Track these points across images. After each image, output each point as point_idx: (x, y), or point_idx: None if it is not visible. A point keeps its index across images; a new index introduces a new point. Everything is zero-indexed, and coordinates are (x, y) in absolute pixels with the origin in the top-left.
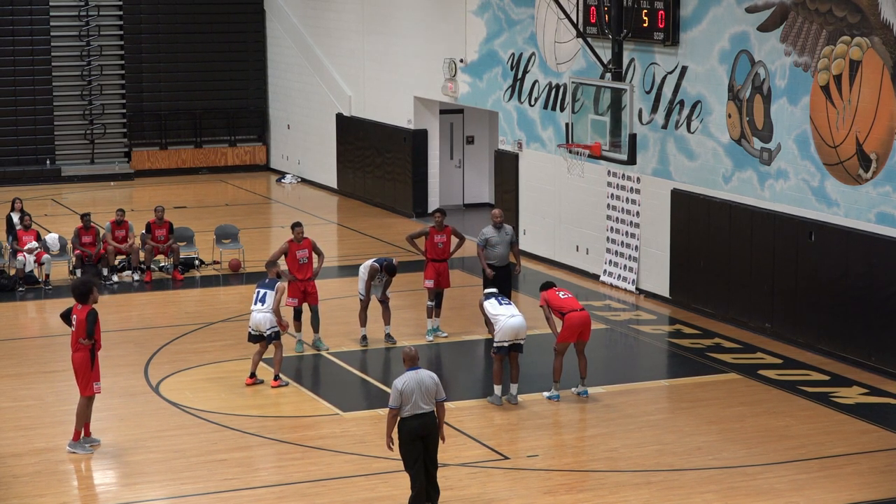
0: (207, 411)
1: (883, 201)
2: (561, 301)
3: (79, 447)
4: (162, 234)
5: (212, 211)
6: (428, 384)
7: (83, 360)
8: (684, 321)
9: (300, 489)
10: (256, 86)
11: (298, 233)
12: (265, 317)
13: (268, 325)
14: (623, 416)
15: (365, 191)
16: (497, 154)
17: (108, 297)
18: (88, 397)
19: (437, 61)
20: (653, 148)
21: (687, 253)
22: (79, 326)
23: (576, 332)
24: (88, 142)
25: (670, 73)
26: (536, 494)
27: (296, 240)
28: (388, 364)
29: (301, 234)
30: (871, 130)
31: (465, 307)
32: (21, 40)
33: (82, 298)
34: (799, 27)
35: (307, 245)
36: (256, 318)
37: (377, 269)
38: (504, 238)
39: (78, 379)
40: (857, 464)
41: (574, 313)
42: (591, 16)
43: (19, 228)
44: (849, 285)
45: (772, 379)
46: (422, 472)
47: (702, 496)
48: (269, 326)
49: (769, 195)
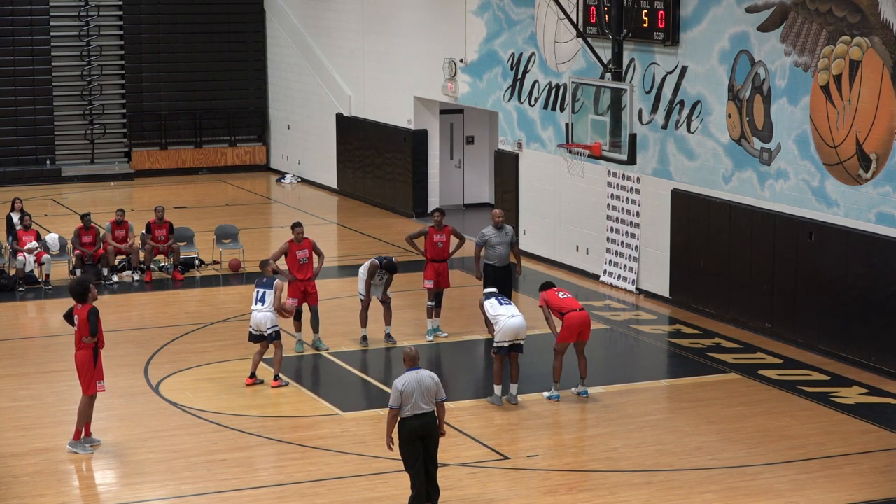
0: (207, 411)
1: (883, 201)
2: (560, 301)
3: (79, 447)
4: (162, 234)
5: (212, 211)
6: (428, 384)
7: (85, 358)
8: (684, 321)
9: (300, 489)
10: (256, 86)
11: (298, 233)
12: (265, 316)
13: (268, 325)
14: (623, 416)
15: (365, 191)
16: (497, 154)
17: (108, 297)
18: (90, 396)
19: (437, 61)
20: (653, 148)
21: (687, 253)
22: (81, 325)
23: (575, 332)
24: (88, 142)
25: (670, 73)
26: (536, 494)
27: (296, 240)
28: (388, 364)
29: (301, 235)
30: (871, 130)
31: (465, 307)
32: (21, 40)
33: (80, 298)
34: (799, 27)
35: (307, 245)
36: (257, 318)
37: (377, 265)
38: (504, 238)
39: (80, 378)
40: (857, 464)
41: (573, 313)
42: (591, 16)
43: (19, 228)
44: (849, 285)
45: (772, 379)
46: (422, 472)
47: (702, 496)
48: (270, 326)
49: (769, 195)
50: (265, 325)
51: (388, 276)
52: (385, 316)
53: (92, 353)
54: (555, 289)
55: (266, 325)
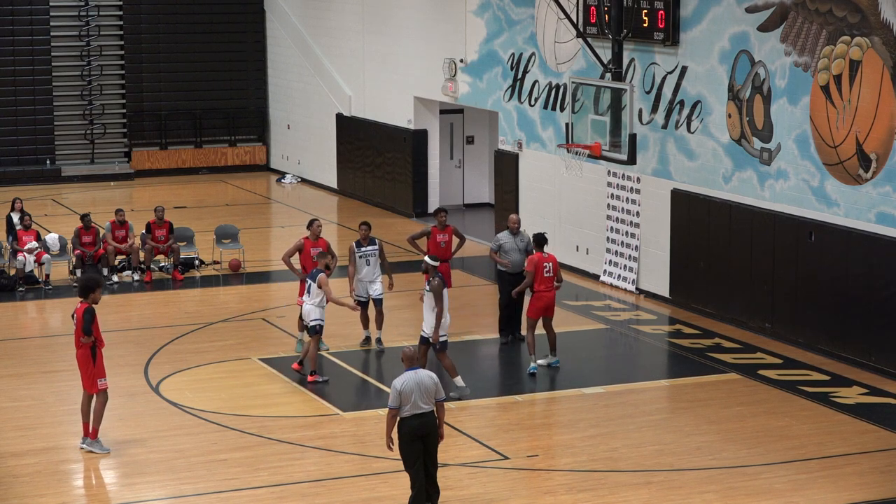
0: (207, 411)
1: (883, 201)
2: (542, 278)
3: (95, 445)
4: (162, 234)
5: (212, 211)
6: (427, 384)
7: (84, 357)
8: (684, 321)
9: (300, 489)
10: (256, 86)
11: (316, 227)
12: (309, 308)
13: (310, 318)
14: (623, 416)
15: (365, 191)
16: (497, 154)
17: (108, 297)
18: (96, 394)
19: (437, 61)
20: (653, 148)
21: (687, 253)
22: (78, 324)
23: (541, 311)
24: (88, 142)
25: (670, 73)
26: (536, 494)
27: (312, 237)
28: (388, 364)
29: (318, 232)
30: (871, 130)
31: (465, 307)
32: (21, 40)
33: (83, 293)
34: (799, 27)
35: (322, 245)
36: (304, 310)
37: (352, 246)
38: (519, 245)
39: (82, 376)
40: (857, 464)
41: (543, 293)
42: (591, 16)
43: (19, 228)
44: (849, 285)
45: (772, 379)
46: (422, 471)
47: (702, 496)
48: (312, 318)
49: (769, 195)
50: (308, 318)
51: (379, 250)
52: (377, 319)
53: (90, 351)
54: (543, 255)
55: (309, 318)
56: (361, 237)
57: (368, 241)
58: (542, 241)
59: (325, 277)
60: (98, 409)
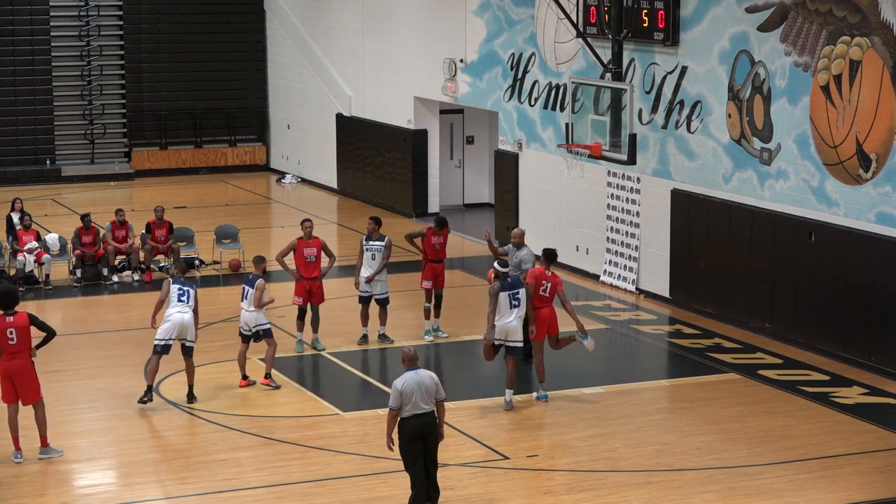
0: (207, 411)
1: (883, 201)
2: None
3: (52, 451)
4: (162, 234)
5: (212, 211)
6: (427, 384)
7: (31, 367)
8: (684, 321)
9: (300, 489)
10: (256, 86)
11: (307, 227)
12: (250, 315)
13: (254, 323)
14: (623, 416)
15: (365, 191)
16: (497, 154)
17: (108, 296)
18: (35, 405)
19: (437, 61)
20: (653, 148)
21: (687, 253)
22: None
23: (544, 331)
24: (88, 142)
25: (670, 73)
26: (536, 494)
27: (304, 237)
28: (388, 364)
29: (310, 231)
30: (871, 130)
31: (465, 307)
32: (21, 40)
33: (10, 303)
34: (799, 27)
35: (316, 244)
36: (244, 317)
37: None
38: (514, 260)
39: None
40: (857, 464)
41: (538, 310)
42: (591, 16)
43: (19, 228)
44: (849, 285)
45: (772, 379)
46: (422, 471)
47: (702, 496)
48: (256, 324)
49: (769, 195)
50: (252, 324)
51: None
52: (381, 316)
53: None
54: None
55: (252, 324)
56: (370, 231)
57: (378, 237)
58: (549, 256)
59: (262, 283)
60: (44, 416)
